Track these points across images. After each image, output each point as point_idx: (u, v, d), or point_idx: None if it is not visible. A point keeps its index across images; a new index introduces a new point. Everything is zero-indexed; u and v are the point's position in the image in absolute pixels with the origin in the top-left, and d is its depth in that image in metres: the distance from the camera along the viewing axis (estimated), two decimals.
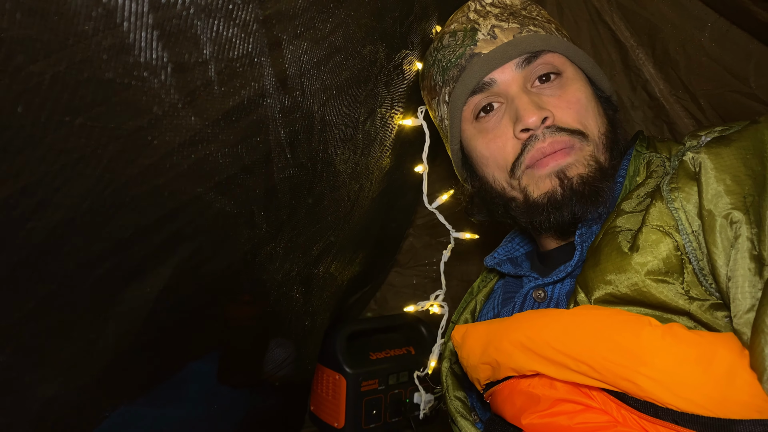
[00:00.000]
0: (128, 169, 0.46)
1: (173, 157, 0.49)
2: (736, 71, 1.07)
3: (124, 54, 0.40)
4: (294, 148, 0.64)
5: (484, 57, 0.81)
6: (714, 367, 0.53)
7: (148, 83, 0.43)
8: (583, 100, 0.80)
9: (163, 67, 0.42)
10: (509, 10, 0.86)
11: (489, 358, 0.68)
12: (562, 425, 0.60)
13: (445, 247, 1.14)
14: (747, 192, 0.59)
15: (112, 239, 0.49)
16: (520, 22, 0.83)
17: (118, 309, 0.56)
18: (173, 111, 0.46)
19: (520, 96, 0.79)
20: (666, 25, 1.14)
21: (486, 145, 0.83)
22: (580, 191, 0.75)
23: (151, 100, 0.44)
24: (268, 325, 0.85)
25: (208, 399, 0.90)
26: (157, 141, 0.47)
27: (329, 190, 0.78)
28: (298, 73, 0.57)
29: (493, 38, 0.82)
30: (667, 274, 0.63)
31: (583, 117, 0.79)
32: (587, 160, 0.77)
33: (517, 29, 0.82)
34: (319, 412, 1.32)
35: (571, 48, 0.83)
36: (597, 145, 0.79)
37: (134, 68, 0.41)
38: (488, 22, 0.83)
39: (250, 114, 0.55)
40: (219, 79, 0.48)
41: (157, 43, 0.41)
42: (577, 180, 0.76)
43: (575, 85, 0.81)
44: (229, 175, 0.57)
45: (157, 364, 0.73)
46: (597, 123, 0.80)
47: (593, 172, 0.76)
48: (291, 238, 0.74)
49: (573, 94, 0.80)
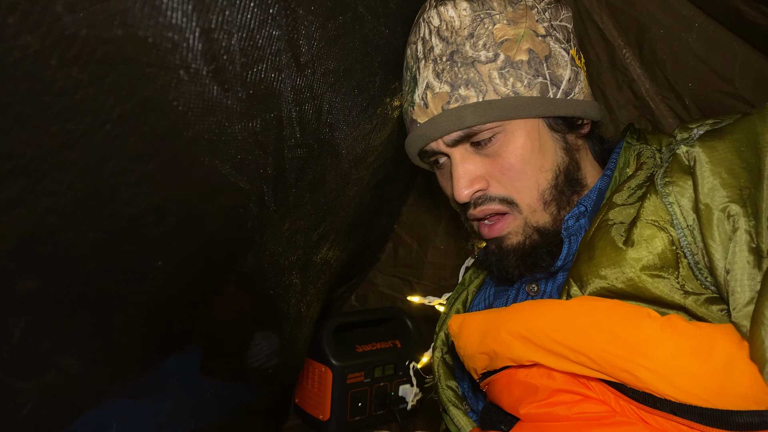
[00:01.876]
0: (144, 135, 0.44)
1: (194, 126, 0.48)
2: (721, 71, 1.09)
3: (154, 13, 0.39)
4: (303, 128, 0.63)
5: (419, 129, 0.81)
6: (713, 358, 0.53)
7: (176, 46, 0.42)
8: (517, 165, 0.77)
9: (192, 31, 0.41)
10: (451, 49, 0.77)
11: (486, 347, 0.68)
12: (560, 415, 0.60)
13: (425, 251, 1.16)
14: (743, 185, 0.59)
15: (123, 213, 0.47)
16: (452, 80, 0.76)
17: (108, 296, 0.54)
18: (197, 78, 0.45)
19: (456, 166, 0.79)
20: (654, 25, 1.15)
21: (443, 187, 0.89)
22: (518, 257, 0.80)
23: (178, 62, 0.43)
24: (265, 311, 0.84)
25: (195, 391, 0.88)
26: (181, 107, 0.46)
27: (332, 175, 0.78)
28: (310, 50, 0.57)
29: (425, 106, 0.79)
30: (663, 269, 0.63)
31: (517, 182, 0.77)
32: (521, 229, 0.79)
33: (446, 97, 0.76)
34: (304, 405, 1.31)
35: (506, 106, 0.75)
36: (533, 208, 0.79)
37: (164, 29, 0.41)
38: (426, 74, 0.79)
39: (266, 89, 0.54)
40: (240, 49, 0.47)
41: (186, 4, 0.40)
42: (511, 248, 0.80)
43: (510, 147, 0.77)
44: (245, 149, 0.56)
45: (143, 354, 0.72)
46: (537, 181, 0.78)
47: (528, 239, 0.79)
48: (294, 221, 0.73)
49: (506, 159, 0.77)
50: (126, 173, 0.45)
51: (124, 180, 0.45)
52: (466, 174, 0.78)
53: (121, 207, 0.47)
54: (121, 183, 0.45)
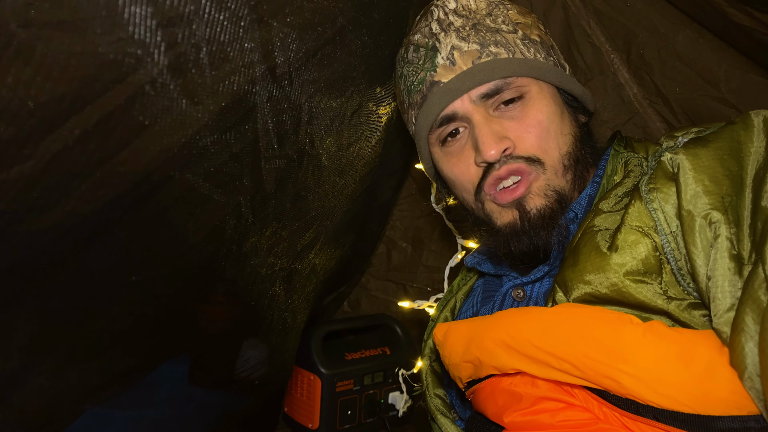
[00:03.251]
0: (115, 149, 0.44)
1: (163, 140, 0.47)
2: (707, 76, 1.10)
3: (117, 29, 0.38)
4: (281, 139, 0.63)
5: (444, 87, 0.79)
6: (694, 364, 0.54)
7: (141, 61, 0.42)
8: (544, 122, 0.78)
9: (157, 46, 0.41)
10: (472, 21, 0.81)
11: (471, 356, 0.68)
12: (544, 423, 0.60)
13: (420, 255, 1.15)
14: (725, 192, 0.60)
15: (89, 226, 0.47)
16: (480, 40, 0.79)
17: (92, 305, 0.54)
18: (164, 91, 0.45)
19: (481, 126, 0.78)
20: (642, 30, 1.16)
21: (451, 169, 0.84)
22: (537, 224, 0.77)
23: (143, 78, 0.43)
24: (248, 322, 0.84)
25: (181, 400, 0.88)
26: (148, 121, 0.45)
27: (315, 184, 0.77)
28: (286, 62, 0.57)
29: (452, 64, 0.79)
30: (646, 275, 0.63)
31: (543, 141, 0.78)
32: (543, 190, 0.78)
33: (476, 53, 0.79)
34: (293, 413, 1.30)
35: (534, 66, 0.80)
36: (555, 170, 0.79)
37: (127, 45, 0.40)
38: (448, 41, 0.80)
39: (240, 100, 0.54)
40: (210, 62, 0.47)
41: (150, 20, 0.39)
42: (534, 213, 0.77)
43: (537, 105, 0.79)
44: (218, 162, 0.55)
45: (129, 365, 0.71)
46: (558, 144, 0.79)
47: (551, 202, 0.78)
48: (275, 231, 0.73)
49: (534, 116, 0.78)
50: (94, 189, 0.44)
51: (93, 196, 0.45)
52: (493, 132, 0.77)
53: (92, 221, 0.46)
54: (89, 199, 0.44)
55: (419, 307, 1.13)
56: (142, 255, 0.54)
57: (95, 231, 0.46)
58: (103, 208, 0.46)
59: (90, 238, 0.46)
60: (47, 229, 0.43)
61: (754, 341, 0.50)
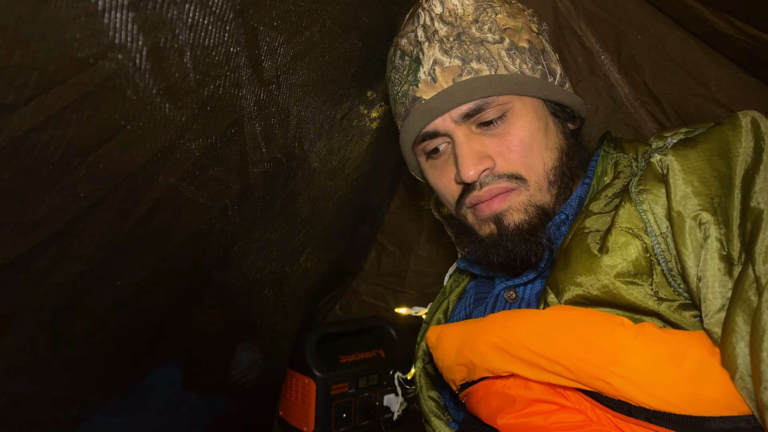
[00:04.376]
0: (98, 157, 0.43)
1: (146, 145, 0.47)
2: (697, 75, 1.11)
3: (99, 34, 0.38)
4: (269, 143, 0.63)
5: (425, 105, 0.79)
6: (685, 365, 0.54)
7: (123, 66, 0.41)
8: (526, 140, 0.77)
9: (138, 51, 0.41)
10: (457, 31, 0.79)
11: (464, 359, 0.68)
12: (538, 425, 0.60)
13: (408, 259, 1.15)
14: (714, 193, 0.60)
15: (78, 234, 0.46)
16: (462, 55, 0.77)
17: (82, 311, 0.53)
18: (147, 97, 0.44)
19: (461, 146, 0.77)
20: (632, 31, 1.16)
21: (435, 181, 0.85)
22: (515, 237, 0.77)
23: (125, 83, 0.42)
24: (237, 326, 0.83)
25: (174, 405, 0.87)
26: (130, 127, 0.45)
27: (304, 188, 0.77)
28: (273, 66, 0.56)
29: (433, 81, 0.78)
30: (637, 276, 0.63)
31: (525, 158, 0.77)
32: (524, 206, 0.78)
33: (458, 70, 0.77)
34: (288, 417, 1.30)
35: (518, 82, 0.78)
36: (539, 186, 0.78)
37: (108, 50, 0.40)
38: (431, 53, 0.79)
39: (225, 105, 0.53)
40: (194, 67, 0.47)
41: (132, 24, 0.39)
42: (512, 227, 0.77)
43: (520, 122, 0.78)
44: (202, 166, 0.55)
45: (122, 371, 0.71)
46: (543, 159, 0.79)
47: (531, 216, 0.77)
48: (264, 235, 0.73)
49: (516, 134, 0.77)
50: (77, 192, 0.44)
51: (76, 202, 0.44)
52: (473, 152, 0.77)
53: (76, 227, 0.46)
54: (72, 205, 0.44)
55: (417, 314, 1.12)
56: (126, 259, 0.53)
57: (78, 234, 0.46)
58: (86, 210, 0.45)
59: (73, 241, 0.46)
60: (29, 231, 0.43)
61: (745, 342, 0.50)
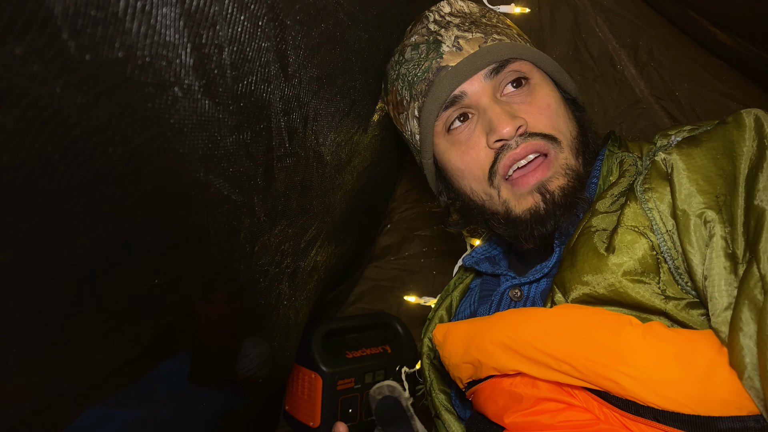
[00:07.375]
0: (142, 153, 0.44)
1: (187, 141, 0.48)
2: (714, 71, 1.10)
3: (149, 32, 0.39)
4: (291, 137, 0.64)
5: (452, 70, 0.79)
6: (694, 364, 0.54)
7: (169, 63, 0.42)
8: (553, 105, 0.79)
9: (183, 47, 0.41)
10: (470, 20, 0.84)
11: (471, 357, 0.68)
12: (545, 424, 0.60)
13: (422, 240, 1.14)
14: (719, 191, 0.60)
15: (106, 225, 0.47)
16: (483, 31, 0.82)
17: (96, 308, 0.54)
18: (190, 93, 0.45)
19: (492, 107, 0.77)
20: (649, 27, 1.16)
21: (460, 158, 0.82)
22: (562, 203, 0.75)
23: (173, 79, 0.43)
24: (255, 321, 0.84)
25: (181, 399, 0.88)
26: (177, 123, 0.46)
27: (318, 181, 0.78)
28: (296, 60, 0.57)
29: (459, 50, 0.80)
30: (643, 274, 0.63)
31: (554, 121, 0.78)
32: (564, 170, 0.77)
33: (482, 39, 0.81)
34: (294, 412, 1.30)
35: (536, 53, 0.83)
36: (570, 149, 0.78)
37: (158, 47, 0.41)
38: (451, 33, 0.82)
39: (256, 100, 0.55)
40: (231, 63, 0.48)
41: (178, 21, 0.40)
42: (558, 193, 0.75)
43: (544, 90, 0.80)
44: (237, 161, 0.56)
45: (131, 363, 0.71)
46: (568, 126, 0.80)
47: (572, 181, 0.76)
48: (283, 229, 0.73)
49: (543, 99, 0.79)
50: (125, 189, 0.45)
51: (122, 196, 0.45)
52: (506, 111, 0.77)
53: (118, 222, 0.46)
54: (119, 199, 0.45)
55: (426, 304, 1.12)
56: (163, 258, 0.54)
57: (117, 233, 0.47)
58: (126, 209, 0.46)
59: (110, 239, 0.47)
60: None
61: (753, 340, 0.50)
